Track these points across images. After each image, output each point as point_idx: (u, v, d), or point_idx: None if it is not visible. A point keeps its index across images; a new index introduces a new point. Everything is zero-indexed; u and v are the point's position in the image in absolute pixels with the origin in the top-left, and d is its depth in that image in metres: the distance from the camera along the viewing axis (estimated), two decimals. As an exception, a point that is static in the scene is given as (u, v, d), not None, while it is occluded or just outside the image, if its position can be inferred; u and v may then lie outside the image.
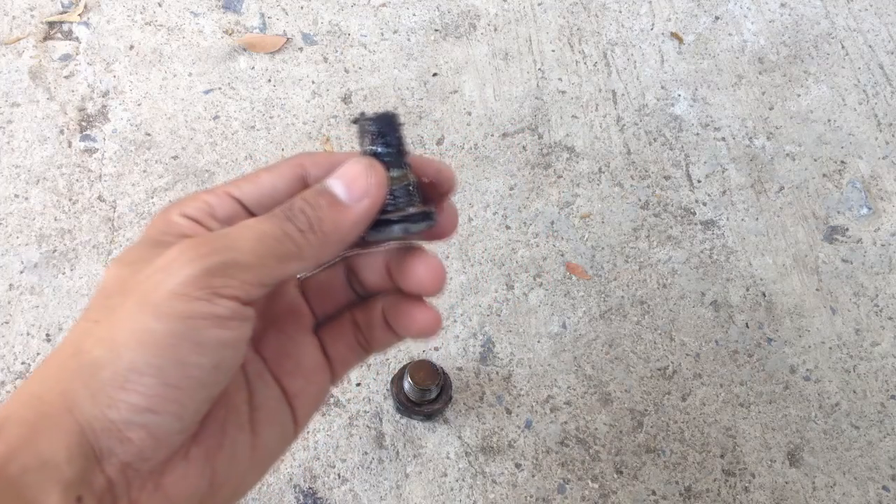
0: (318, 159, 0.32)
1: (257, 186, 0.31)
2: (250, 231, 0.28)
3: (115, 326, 0.26)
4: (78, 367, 0.26)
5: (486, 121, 1.01)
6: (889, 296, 0.91)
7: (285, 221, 0.28)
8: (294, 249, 0.28)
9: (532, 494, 0.79)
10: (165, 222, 0.29)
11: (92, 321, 0.27)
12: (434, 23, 1.09)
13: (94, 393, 0.25)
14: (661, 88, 1.05)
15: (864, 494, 0.81)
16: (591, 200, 0.96)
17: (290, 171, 0.31)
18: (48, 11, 1.05)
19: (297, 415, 0.32)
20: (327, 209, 0.29)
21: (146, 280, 0.26)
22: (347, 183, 0.30)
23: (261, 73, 1.03)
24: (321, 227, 0.29)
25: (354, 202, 0.30)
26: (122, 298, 0.27)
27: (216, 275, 0.26)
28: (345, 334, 0.34)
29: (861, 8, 1.12)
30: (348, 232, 0.30)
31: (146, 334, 0.25)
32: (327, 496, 0.78)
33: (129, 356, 0.25)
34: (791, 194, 0.98)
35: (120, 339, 0.26)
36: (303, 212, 0.29)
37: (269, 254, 0.27)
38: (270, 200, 0.31)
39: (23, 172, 0.94)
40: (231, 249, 0.27)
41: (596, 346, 0.87)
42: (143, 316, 0.26)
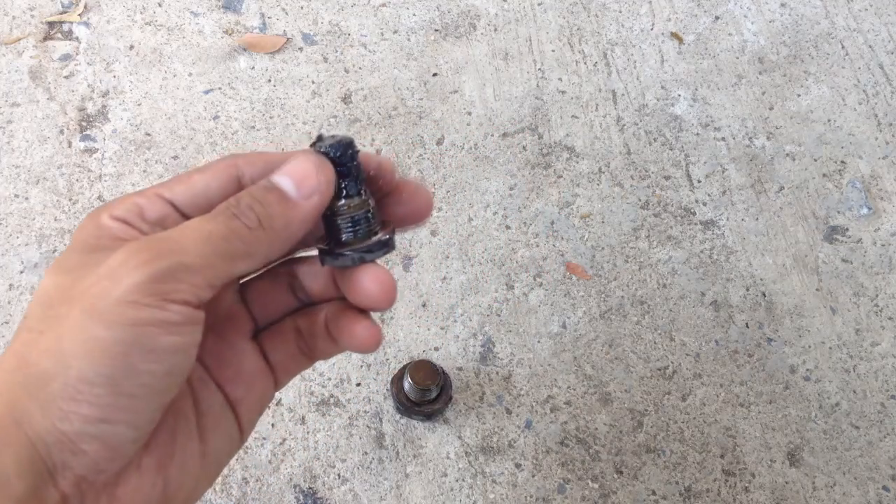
0: (252, 159, 0.31)
1: (189, 187, 0.30)
2: (195, 232, 0.27)
3: (62, 337, 0.25)
4: (24, 380, 0.25)
5: (486, 121, 1.01)
6: (889, 296, 0.91)
7: (232, 219, 0.28)
8: (242, 248, 0.27)
9: (532, 494, 0.79)
10: (96, 226, 0.28)
11: (35, 332, 0.26)
12: (434, 23, 1.09)
13: (44, 405, 0.25)
14: (661, 88, 1.05)
15: (864, 494, 0.81)
16: (591, 200, 0.96)
17: (223, 172, 0.30)
18: (48, 11, 1.06)
19: (241, 421, 0.32)
20: (277, 205, 0.29)
21: (91, 288, 0.26)
22: (297, 180, 0.29)
23: (261, 73, 1.03)
24: (271, 224, 0.28)
25: (304, 199, 0.29)
26: (66, 308, 0.26)
27: (164, 280, 0.25)
28: (286, 341, 0.34)
29: (861, 8, 1.12)
30: (298, 228, 0.29)
31: (95, 343, 0.25)
32: (327, 496, 0.78)
33: (78, 366, 0.25)
34: (791, 194, 0.98)
35: (67, 349, 0.25)
36: (251, 208, 0.28)
37: (217, 254, 0.27)
38: (204, 201, 0.30)
39: (23, 172, 0.94)
40: (176, 252, 0.26)
41: (596, 346, 0.87)
42: (90, 325, 0.25)
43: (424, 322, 0.87)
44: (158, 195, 0.29)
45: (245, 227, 0.28)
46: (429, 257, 0.91)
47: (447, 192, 0.96)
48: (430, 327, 0.87)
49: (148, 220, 0.29)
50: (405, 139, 0.99)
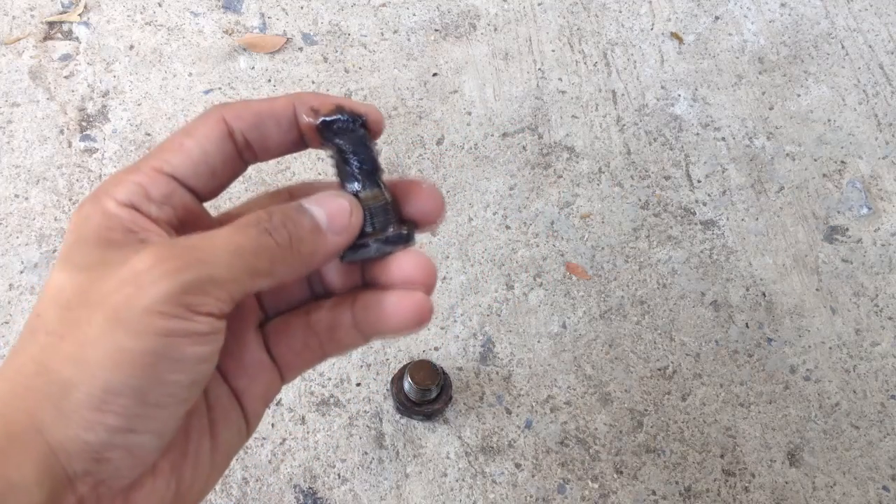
0: (238, 111, 0.30)
1: (187, 156, 0.29)
2: (225, 243, 0.26)
3: (86, 344, 0.25)
4: (45, 387, 0.25)
5: (486, 121, 1.01)
6: (889, 296, 0.91)
7: (263, 234, 0.27)
8: (268, 266, 0.27)
9: (532, 494, 0.80)
10: (102, 214, 0.27)
11: (55, 336, 0.25)
12: (434, 23, 1.09)
13: (67, 414, 0.24)
14: (661, 88, 1.05)
15: (864, 494, 0.81)
16: (591, 200, 0.96)
17: (214, 131, 0.29)
18: (48, 11, 1.06)
19: (247, 413, 0.31)
20: (309, 232, 0.28)
21: (114, 293, 0.25)
22: (330, 214, 0.29)
23: (261, 73, 1.03)
24: (299, 248, 0.28)
25: (334, 234, 0.29)
26: (86, 311, 0.25)
27: (192, 292, 0.25)
28: (293, 335, 0.33)
29: (861, 8, 1.12)
30: (320, 261, 0.29)
31: (121, 354, 0.24)
32: (327, 496, 0.78)
33: (104, 377, 0.24)
34: (791, 194, 0.98)
35: (92, 358, 0.24)
36: (284, 226, 0.28)
37: (244, 268, 0.26)
38: (206, 169, 0.29)
39: (23, 172, 0.94)
40: (205, 264, 0.25)
41: (596, 346, 0.87)
42: (116, 334, 0.24)
43: (424, 322, 0.87)
44: (157, 170, 0.28)
45: (275, 245, 0.27)
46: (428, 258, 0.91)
47: (447, 192, 0.96)
48: (430, 327, 0.87)
49: (155, 200, 0.28)
50: (405, 139, 0.99)
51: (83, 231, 0.27)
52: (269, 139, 0.30)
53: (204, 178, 0.29)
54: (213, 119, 0.29)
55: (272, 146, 0.31)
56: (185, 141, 0.29)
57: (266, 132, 0.30)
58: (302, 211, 0.28)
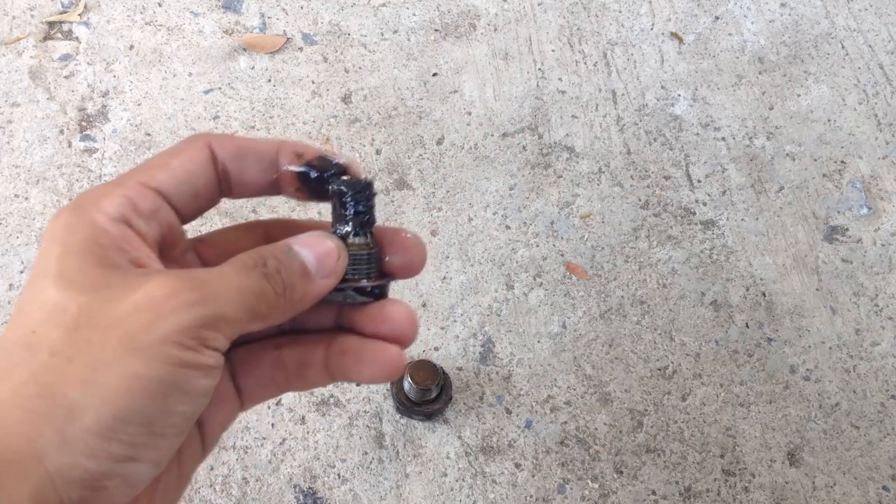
0: (223, 142, 0.30)
1: (172, 174, 0.29)
2: (232, 282, 0.27)
3: (98, 369, 0.24)
4: (50, 410, 0.24)
5: (486, 121, 1.01)
6: (889, 296, 0.91)
7: (263, 280, 0.27)
8: (265, 310, 0.27)
9: (532, 494, 0.80)
10: (92, 228, 0.27)
11: (62, 357, 0.24)
12: (434, 23, 1.09)
13: (70, 440, 0.24)
14: (661, 88, 1.05)
15: (864, 494, 0.81)
16: (591, 200, 0.96)
17: (199, 154, 0.29)
18: (48, 11, 1.06)
19: (205, 438, 0.31)
20: (299, 278, 0.28)
21: (130, 318, 0.25)
22: (318, 258, 0.29)
23: (261, 73, 1.03)
24: (291, 295, 0.28)
25: (320, 278, 0.29)
26: (98, 334, 0.24)
27: (208, 326, 0.25)
28: (261, 367, 0.33)
29: (861, 8, 1.12)
30: (308, 305, 0.29)
31: (136, 381, 0.24)
32: (327, 496, 0.78)
33: (117, 403, 0.24)
34: (791, 194, 0.98)
35: (104, 383, 0.24)
36: (279, 272, 0.28)
37: (246, 310, 0.27)
38: (189, 189, 0.29)
39: (23, 172, 0.94)
40: (218, 301, 0.26)
41: (596, 346, 0.87)
42: (132, 360, 0.24)
43: (424, 322, 0.87)
44: (144, 185, 0.28)
45: (273, 292, 0.27)
46: (429, 257, 0.91)
47: (447, 192, 0.96)
48: (430, 327, 0.87)
49: (143, 215, 0.28)
50: (405, 139, 0.99)
51: (70, 243, 0.26)
52: (246, 174, 0.30)
53: (186, 199, 0.29)
54: (199, 143, 0.30)
55: (248, 182, 0.31)
56: (171, 160, 0.29)
57: (245, 166, 0.30)
58: (292, 255, 0.29)
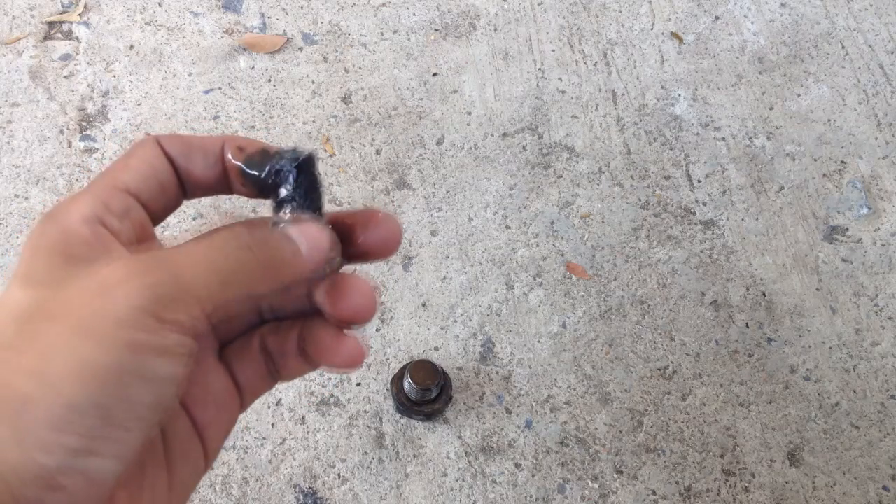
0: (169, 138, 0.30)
1: (136, 172, 0.28)
2: (201, 258, 0.25)
3: (48, 357, 0.23)
4: (1, 406, 0.22)
5: (486, 121, 1.01)
6: (889, 296, 0.91)
7: (243, 250, 0.26)
8: (246, 285, 0.26)
9: (532, 494, 0.80)
10: (62, 231, 0.26)
11: (12, 350, 0.23)
12: (434, 23, 1.09)
13: (22, 434, 0.22)
14: (661, 88, 1.05)
15: (864, 494, 0.81)
16: (591, 200, 0.96)
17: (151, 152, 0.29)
18: (48, 11, 1.05)
19: (207, 448, 0.30)
20: (289, 254, 0.27)
21: (81, 304, 0.23)
22: (309, 239, 0.28)
23: (261, 73, 1.03)
24: (278, 270, 0.27)
25: (311, 257, 0.28)
26: (49, 324, 0.23)
27: (166, 305, 0.24)
28: (254, 360, 0.32)
29: (861, 8, 1.12)
30: (297, 281, 0.28)
31: (88, 367, 0.22)
32: (327, 496, 0.78)
33: (69, 392, 0.22)
34: (791, 194, 0.98)
35: (54, 371, 0.22)
36: (265, 244, 0.27)
37: (221, 285, 0.25)
38: (155, 183, 0.29)
39: (23, 172, 0.94)
40: (180, 277, 0.24)
41: (596, 346, 0.87)
42: (82, 345, 0.23)
43: (424, 322, 0.87)
44: (112, 186, 0.28)
45: (255, 262, 0.26)
46: (429, 257, 0.91)
47: (447, 192, 0.96)
48: (430, 327, 0.87)
49: (116, 213, 0.27)
50: (405, 139, 0.99)
51: (40, 246, 0.26)
52: (195, 170, 0.30)
53: (155, 194, 0.29)
54: (148, 142, 0.29)
55: (198, 178, 0.30)
56: (129, 161, 0.29)
57: (193, 162, 0.30)
58: (285, 236, 0.28)
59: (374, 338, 0.86)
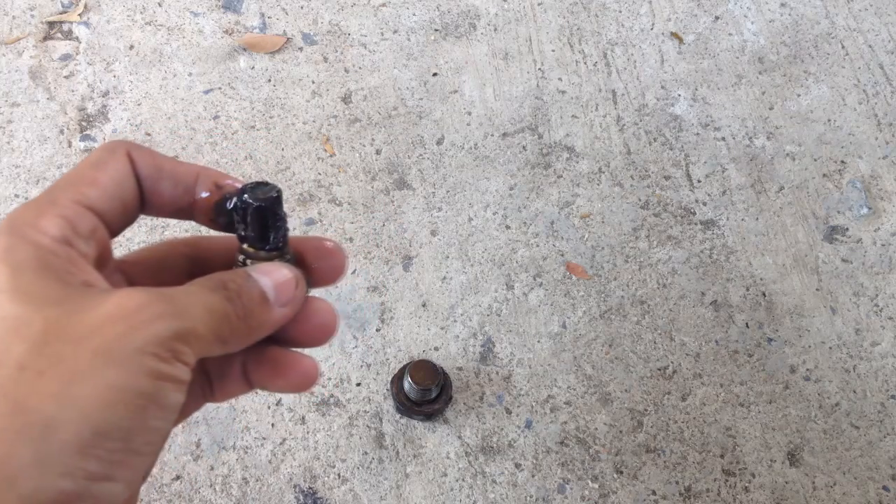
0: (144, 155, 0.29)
1: (103, 190, 0.28)
2: (201, 302, 0.26)
3: (73, 382, 0.23)
4: (23, 428, 0.22)
5: (486, 121, 1.01)
6: (889, 296, 0.91)
7: (228, 302, 0.27)
8: (227, 333, 0.27)
9: (532, 494, 0.80)
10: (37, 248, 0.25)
11: (31, 371, 0.23)
12: (434, 23, 1.09)
13: (45, 458, 0.22)
14: (661, 88, 1.05)
15: (864, 494, 0.81)
16: (591, 200, 0.96)
17: (122, 166, 0.28)
18: (48, 11, 1.05)
19: None
20: (258, 305, 0.28)
21: (103, 329, 0.23)
22: (277, 286, 0.28)
23: (261, 72, 1.03)
24: (248, 322, 0.27)
25: (279, 307, 0.28)
26: (68, 347, 0.23)
27: (182, 339, 0.25)
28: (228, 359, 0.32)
29: (861, 8, 1.12)
30: (266, 332, 0.28)
31: (115, 392, 0.23)
32: (327, 496, 0.78)
33: (97, 416, 0.22)
34: (791, 194, 0.98)
35: (81, 395, 0.22)
36: (239, 297, 0.27)
37: (214, 331, 0.26)
38: (119, 204, 0.28)
39: (23, 172, 0.94)
40: (189, 317, 0.25)
41: (596, 346, 0.87)
42: (109, 371, 0.23)
43: (424, 322, 0.87)
44: (78, 203, 0.27)
45: (235, 315, 0.27)
46: (429, 257, 0.91)
47: (447, 192, 0.96)
48: (430, 327, 0.87)
49: (83, 236, 0.27)
50: (405, 139, 0.99)
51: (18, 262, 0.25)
52: (161, 195, 0.30)
53: (117, 214, 0.28)
54: (120, 152, 0.29)
55: (162, 203, 0.30)
56: (98, 174, 0.28)
57: (161, 187, 0.30)
58: (251, 281, 0.28)
59: (374, 338, 0.86)
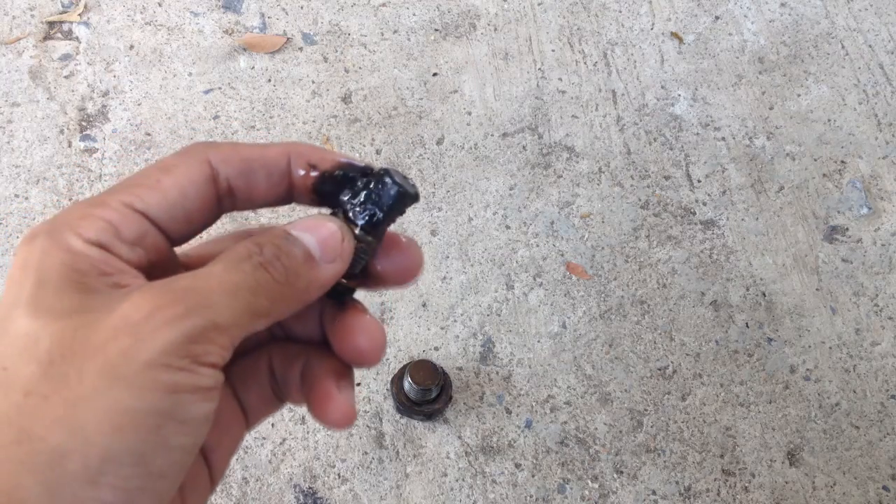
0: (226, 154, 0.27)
1: (163, 195, 0.25)
2: (222, 284, 0.23)
3: (78, 405, 0.21)
4: (29, 457, 0.21)
5: (486, 121, 1.01)
6: (889, 296, 0.91)
7: (259, 270, 0.24)
8: (266, 305, 0.24)
9: (532, 494, 0.80)
10: (68, 252, 0.23)
11: (37, 396, 0.21)
12: (434, 23, 1.09)
13: (54, 490, 0.20)
14: (661, 88, 1.05)
15: (864, 494, 0.81)
16: (591, 200, 0.96)
17: (196, 172, 0.26)
18: (48, 11, 1.05)
19: (212, 469, 0.28)
20: (302, 263, 0.25)
21: (108, 345, 0.22)
22: (321, 241, 0.26)
23: (261, 72, 1.03)
24: (295, 282, 0.25)
25: (327, 263, 0.26)
26: (74, 367, 0.21)
27: (198, 340, 0.22)
28: (260, 382, 0.30)
29: (861, 8, 1.12)
30: (315, 293, 0.26)
31: (123, 415, 0.21)
32: (327, 496, 0.78)
33: (105, 443, 0.21)
34: (791, 194, 0.98)
35: (87, 420, 0.21)
36: (278, 259, 0.25)
37: (245, 310, 0.23)
38: (182, 214, 0.26)
39: (23, 172, 0.94)
40: (207, 308, 0.23)
41: (596, 346, 0.87)
42: (115, 392, 0.21)
43: (424, 322, 0.87)
44: (129, 207, 0.25)
45: (273, 281, 0.24)
46: (429, 257, 0.91)
47: (447, 192, 0.96)
48: (430, 327, 0.87)
49: (126, 241, 0.24)
50: (405, 139, 0.99)
51: (45, 270, 0.23)
52: (256, 189, 0.27)
53: (179, 223, 0.26)
54: (197, 158, 0.26)
55: (257, 196, 0.28)
56: (163, 178, 0.26)
57: (254, 181, 0.27)
58: (292, 240, 0.25)
59: (374, 338, 0.86)
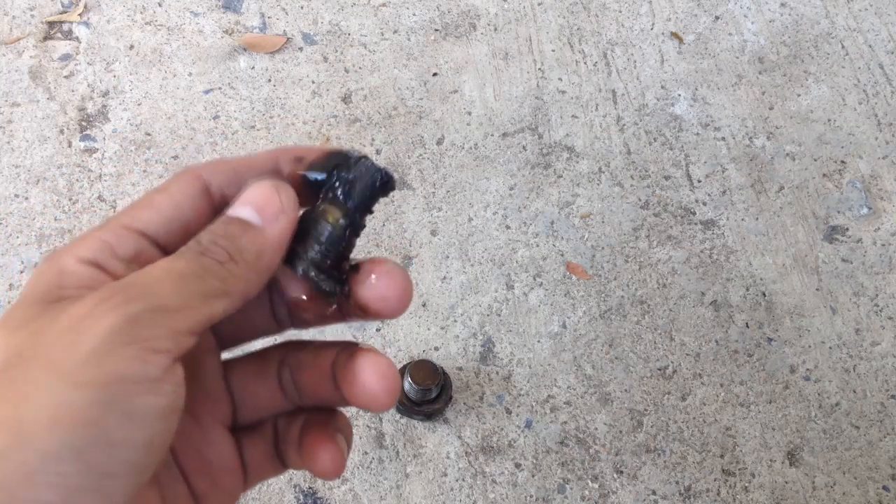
0: (216, 167, 0.27)
1: (157, 212, 0.26)
2: (166, 272, 0.23)
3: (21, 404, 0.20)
4: None
5: (486, 121, 1.01)
6: (889, 296, 0.91)
7: (200, 256, 0.24)
8: (218, 285, 0.24)
9: (532, 494, 0.80)
10: (57, 272, 0.24)
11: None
12: (434, 23, 1.09)
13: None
14: (661, 88, 1.05)
15: (864, 494, 0.81)
16: (591, 200, 0.96)
17: (189, 187, 0.27)
18: (48, 11, 1.06)
19: None
20: (243, 236, 0.25)
21: (55, 342, 0.21)
22: (258, 206, 0.26)
23: (261, 72, 1.03)
24: (242, 256, 0.25)
25: (270, 224, 0.26)
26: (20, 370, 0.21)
27: (142, 324, 0.21)
28: (263, 439, 0.29)
29: (861, 8, 1.12)
30: (272, 257, 0.26)
31: (61, 408, 0.20)
32: (327, 496, 0.78)
33: (41, 438, 0.20)
34: (791, 194, 0.98)
35: (27, 417, 0.20)
36: (215, 243, 0.25)
37: (194, 294, 0.23)
38: (179, 226, 0.26)
39: (23, 172, 0.94)
40: (151, 294, 0.22)
41: (596, 346, 0.87)
42: (55, 385, 0.20)
43: (424, 322, 0.87)
44: (126, 227, 0.25)
45: (216, 263, 0.24)
46: (429, 257, 0.91)
47: (447, 192, 0.96)
48: (430, 327, 0.87)
49: (122, 258, 0.25)
50: (405, 139, 0.99)
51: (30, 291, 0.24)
52: None
53: (176, 235, 0.26)
54: (188, 175, 0.27)
55: None
56: (157, 197, 0.26)
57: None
58: (228, 220, 0.26)
59: (374, 338, 0.86)
